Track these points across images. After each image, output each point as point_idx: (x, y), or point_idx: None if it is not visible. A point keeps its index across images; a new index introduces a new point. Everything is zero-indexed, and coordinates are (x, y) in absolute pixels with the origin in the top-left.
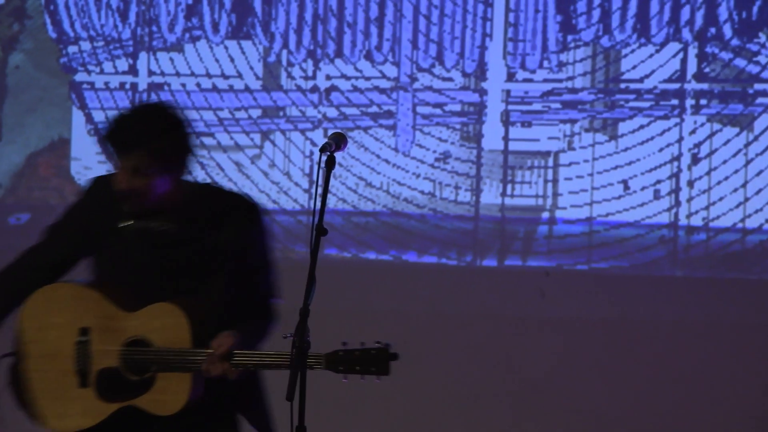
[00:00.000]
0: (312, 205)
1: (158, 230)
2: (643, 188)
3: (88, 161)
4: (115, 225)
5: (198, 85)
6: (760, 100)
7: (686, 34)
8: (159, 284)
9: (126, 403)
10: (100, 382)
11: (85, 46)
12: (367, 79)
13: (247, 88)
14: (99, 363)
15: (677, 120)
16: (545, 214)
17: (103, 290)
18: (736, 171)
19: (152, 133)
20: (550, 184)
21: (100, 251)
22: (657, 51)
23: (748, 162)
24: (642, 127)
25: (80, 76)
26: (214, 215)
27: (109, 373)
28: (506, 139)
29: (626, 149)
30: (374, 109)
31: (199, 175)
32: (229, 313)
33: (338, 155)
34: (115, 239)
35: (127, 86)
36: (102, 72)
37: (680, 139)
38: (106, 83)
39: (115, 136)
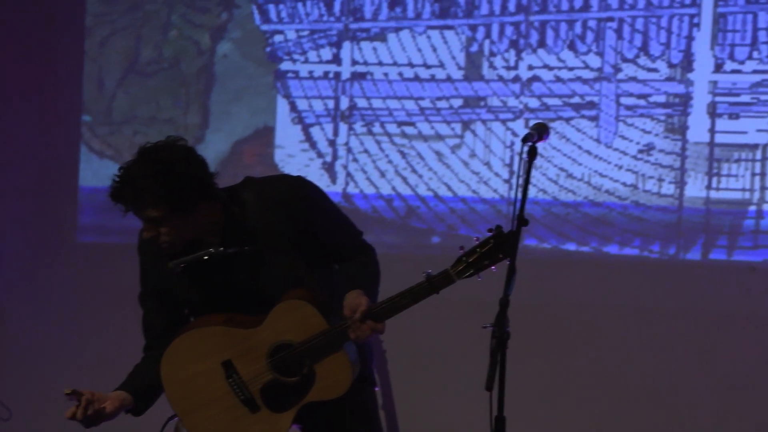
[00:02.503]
0: (512, 196)
1: (219, 255)
2: None
3: (292, 149)
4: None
5: (400, 74)
6: None
7: None
8: (261, 294)
9: (300, 405)
10: (268, 400)
11: (291, 35)
12: (570, 69)
13: (448, 78)
14: (257, 384)
15: None
16: (752, 208)
17: (216, 322)
18: None
19: (150, 189)
20: (757, 178)
21: (183, 297)
22: None
23: None
24: None
25: (285, 65)
26: (267, 218)
27: (271, 387)
28: (712, 131)
29: None
30: (576, 99)
31: (399, 164)
32: (339, 280)
33: (540, 146)
34: (188, 278)
35: (331, 75)
36: (306, 61)
37: None
38: (311, 72)
39: (119, 200)
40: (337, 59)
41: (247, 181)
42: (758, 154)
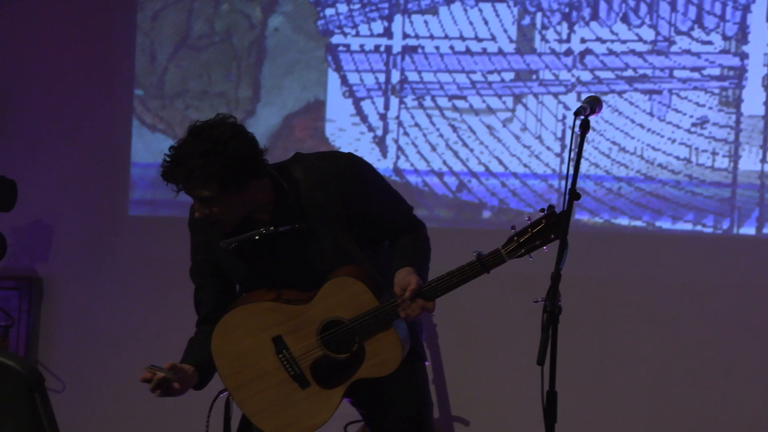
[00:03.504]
0: (563, 170)
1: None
2: None
3: (343, 123)
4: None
5: (451, 47)
6: None
7: None
8: (311, 271)
9: (349, 382)
10: (318, 376)
11: (342, 8)
12: (623, 42)
13: (500, 51)
14: (307, 360)
15: None
16: None
17: (267, 298)
18: None
19: (201, 169)
20: None
21: (233, 271)
22: None
23: None
24: None
25: (336, 39)
26: (319, 196)
27: (321, 363)
28: (767, 104)
29: None
30: (629, 72)
31: (450, 138)
32: (389, 256)
33: (592, 119)
34: (239, 255)
35: (382, 49)
36: (358, 35)
37: None
38: (362, 46)
39: (171, 180)
40: (388, 33)
41: (297, 157)
42: None
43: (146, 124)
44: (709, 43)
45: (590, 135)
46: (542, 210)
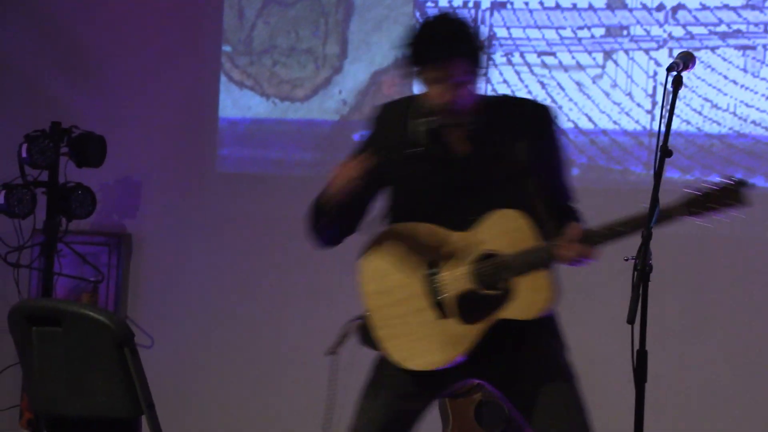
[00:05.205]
0: (654, 127)
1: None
2: None
3: None
4: (407, 150)
5: (541, 3)
6: None
7: None
8: (476, 199)
9: (491, 320)
10: (461, 308)
11: None
12: None
13: (590, 7)
14: (453, 289)
15: None
16: None
17: (424, 219)
18: None
19: (466, 38)
20: None
21: (400, 180)
22: None
23: None
24: None
25: None
26: (511, 125)
27: (467, 296)
28: None
29: None
30: (723, 28)
31: (539, 94)
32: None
33: (684, 75)
34: (411, 165)
35: (471, 4)
36: None
37: None
38: (450, 1)
39: (432, 46)
40: None
41: (497, 95)
42: None
43: (234, 81)
44: None
45: (682, 91)
46: (730, 177)
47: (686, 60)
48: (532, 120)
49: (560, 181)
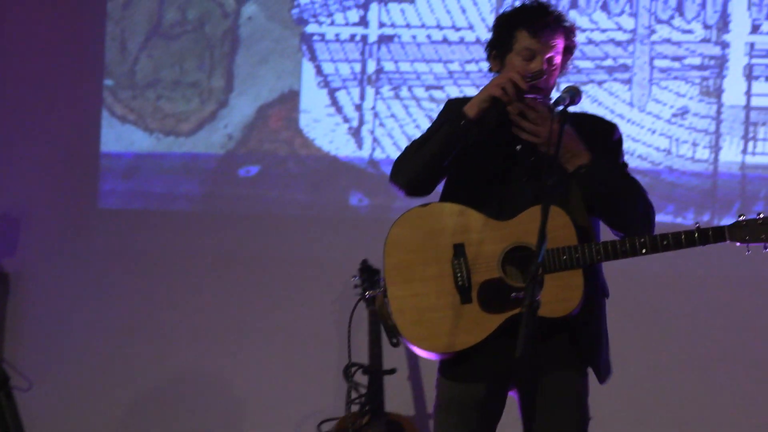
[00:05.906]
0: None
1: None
2: None
3: (317, 114)
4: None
5: (428, 37)
6: None
7: None
8: (525, 192)
9: (510, 314)
10: (484, 296)
11: None
12: (603, 31)
13: (478, 41)
14: (481, 276)
15: None
16: None
17: (467, 203)
18: None
19: (571, 30)
20: None
21: (467, 156)
22: None
23: None
24: None
25: (311, 28)
26: (579, 133)
27: (492, 284)
28: (748, 94)
29: None
30: (609, 62)
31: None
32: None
33: (572, 110)
34: (480, 147)
35: (357, 38)
36: (333, 24)
37: None
38: (336, 35)
39: (550, 18)
40: (363, 21)
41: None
42: None
43: (116, 115)
44: (690, 32)
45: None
46: None
47: (573, 94)
48: (599, 133)
49: None
